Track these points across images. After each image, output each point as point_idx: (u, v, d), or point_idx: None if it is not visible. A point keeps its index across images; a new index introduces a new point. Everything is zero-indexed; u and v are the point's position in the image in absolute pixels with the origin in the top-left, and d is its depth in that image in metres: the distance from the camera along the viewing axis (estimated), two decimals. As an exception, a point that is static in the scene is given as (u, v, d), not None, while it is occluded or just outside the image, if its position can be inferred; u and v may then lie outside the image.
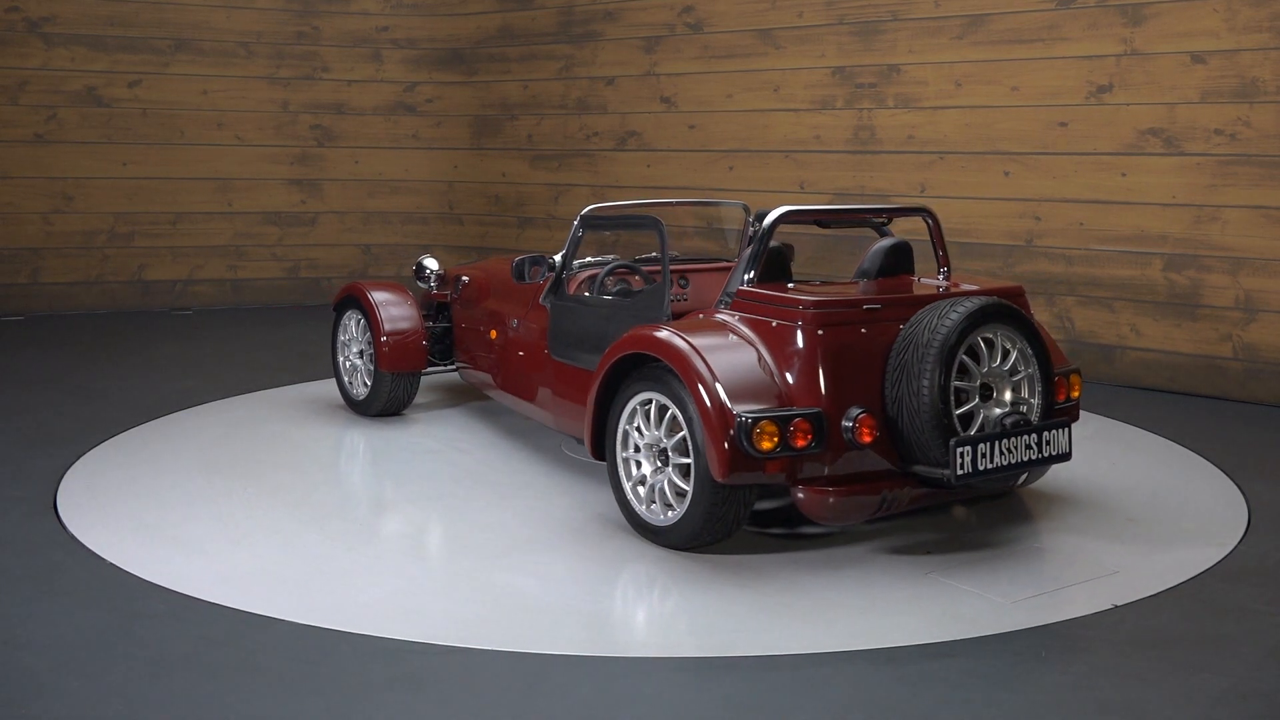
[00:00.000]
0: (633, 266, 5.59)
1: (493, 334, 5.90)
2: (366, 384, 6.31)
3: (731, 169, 9.09)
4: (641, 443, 4.41)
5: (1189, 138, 6.96)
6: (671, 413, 4.24)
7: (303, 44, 10.59)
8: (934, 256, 5.03)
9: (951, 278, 4.96)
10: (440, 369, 6.57)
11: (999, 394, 4.27)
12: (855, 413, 4.04)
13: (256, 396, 6.85)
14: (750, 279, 4.48)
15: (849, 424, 4.04)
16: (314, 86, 10.66)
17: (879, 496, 4.14)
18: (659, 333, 4.33)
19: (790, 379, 4.11)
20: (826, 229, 6.96)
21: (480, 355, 6.06)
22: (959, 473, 3.98)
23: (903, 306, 4.28)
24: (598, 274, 5.46)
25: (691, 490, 4.17)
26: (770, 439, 3.93)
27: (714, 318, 4.47)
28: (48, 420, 6.18)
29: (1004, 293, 4.55)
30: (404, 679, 3.30)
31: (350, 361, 6.44)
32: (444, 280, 6.57)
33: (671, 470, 4.28)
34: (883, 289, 4.62)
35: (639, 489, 4.44)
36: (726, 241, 7.18)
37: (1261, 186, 6.72)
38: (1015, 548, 4.36)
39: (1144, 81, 7.09)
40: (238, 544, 4.39)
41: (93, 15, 9.82)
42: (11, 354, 8.07)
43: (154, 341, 8.63)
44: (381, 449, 5.80)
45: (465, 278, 6.39)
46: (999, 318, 4.20)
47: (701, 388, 4.06)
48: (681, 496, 4.24)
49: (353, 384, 6.43)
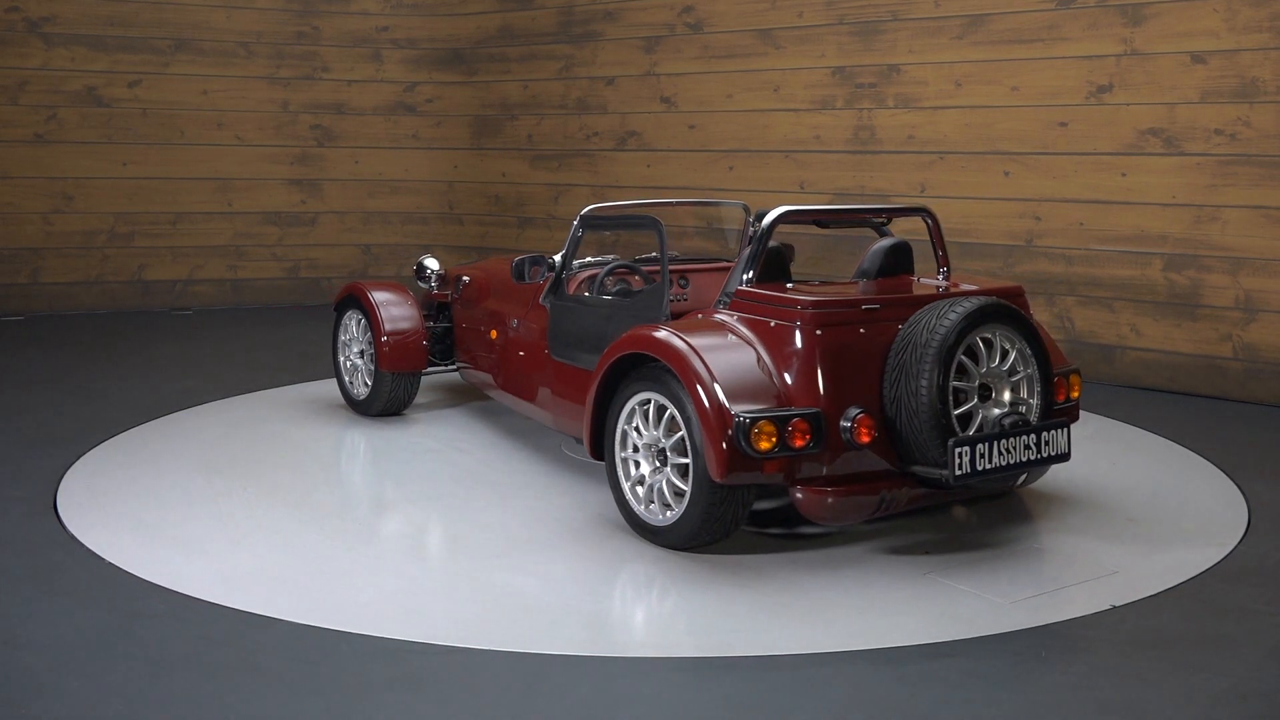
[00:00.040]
0: (632, 266, 5.59)
1: (493, 334, 5.90)
2: (367, 384, 6.32)
3: (731, 169, 9.09)
4: (640, 443, 4.41)
5: (1189, 138, 6.96)
6: (670, 413, 4.24)
7: (303, 44, 10.59)
8: (934, 256, 5.03)
9: (951, 278, 4.96)
10: (441, 369, 6.57)
11: (998, 394, 4.27)
12: (854, 413, 4.04)
13: (256, 396, 6.85)
14: (749, 279, 4.48)
15: (847, 424, 4.04)
16: (314, 86, 10.66)
17: (877, 497, 4.14)
18: (657, 333, 4.33)
19: (789, 379, 4.11)
20: (826, 229, 6.96)
21: (481, 355, 6.06)
22: (957, 473, 3.99)
23: (901, 306, 4.28)
24: (597, 274, 5.46)
25: (690, 490, 4.17)
26: (768, 439, 3.94)
27: (712, 318, 4.47)
28: (48, 420, 6.18)
29: (1003, 293, 4.55)
30: (404, 679, 3.30)
31: (351, 361, 6.44)
32: (445, 280, 6.58)
33: (670, 470, 4.28)
34: (882, 289, 4.61)
35: (638, 489, 4.44)
36: (727, 241, 7.17)
37: (1261, 186, 6.72)
38: (1015, 548, 4.36)
39: (1144, 81, 7.09)
40: (238, 544, 4.40)
41: (93, 15, 9.82)
42: (11, 354, 8.07)
43: (154, 341, 8.63)
44: (382, 449, 5.81)
45: (466, 278, 6.40)
46: (998, 318, 4.19)
47: (699, 388, 4.06)
48: (680, 496, 4.24)
49: (353, 384, 6.44)
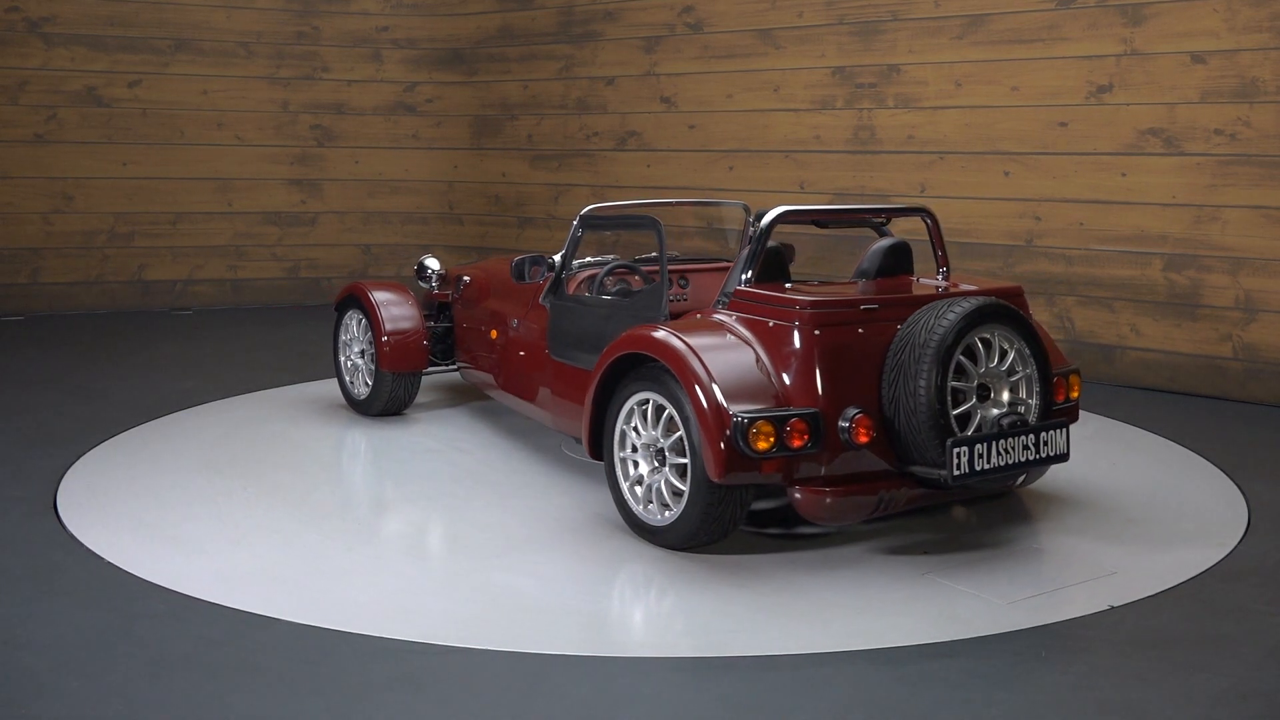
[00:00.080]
0: (632, 266, 5.59)
1: (493, 334, 5.91)
2: (368, 384, 6.32)
3: (731, 169, 9.09)
4: (639, 443, 4.41)
5: (1189, 138, 6.96)
6: (668, 413, 4.24)
7: (303, 44, 10.59)
8: (933, 257, 5.03)
9: (951, 278, 4.96)
10: (441, 369, 6.58)
11: (996, 394, 4.27)
12: (852, 413, 4.04)
13: (256, 396, 6.85)
14: (748, 279, 4.48)
15: (846, 424, 4.04)
16: (314, 86, 10.66)
17: (876, 497, 4.14)
18: (656, 333, 4.33)
19: (787, 379, 4.11)
20: (825, 229, 6.96)
21: (481, 355, 6.06)
22: (956, 473, 3.98)
23: (900, 306, 4.28)
24: (597, 274, 5.47)
25: (688, 490, 4.17)
26: (766, 439, 3.93)
27: (711, 318, 4.47)
28: (48, 420, 6.19)
29: (1002, 293, 4.54)
30: (404, 679, 3.30)
31: (351, 361, 6.45)
32: (445, 280, 6.58)
33: (668, 470, 4.28)
34: (881, 289, 4.61)
35: (636, 489, 4.44)
36: (727, 241, 7.18)
37: (1261, 186, 6.72)
38: (1014, 548, 4.36)
39: (1144, 81, 7.09)
40: (237, 544, 4.40)
41: (93, 15, 9.82)
42: (11, 354, 8.07)
43: (154, 341, 8.63)
44: (382, 449, 5.81)
45: (466, 278, 6.40)
46: (996, 318, 4.19)
47: (698, 388, 4.06)
48: (678, 496, 4.24)
49: (354, 384, 6.44)
